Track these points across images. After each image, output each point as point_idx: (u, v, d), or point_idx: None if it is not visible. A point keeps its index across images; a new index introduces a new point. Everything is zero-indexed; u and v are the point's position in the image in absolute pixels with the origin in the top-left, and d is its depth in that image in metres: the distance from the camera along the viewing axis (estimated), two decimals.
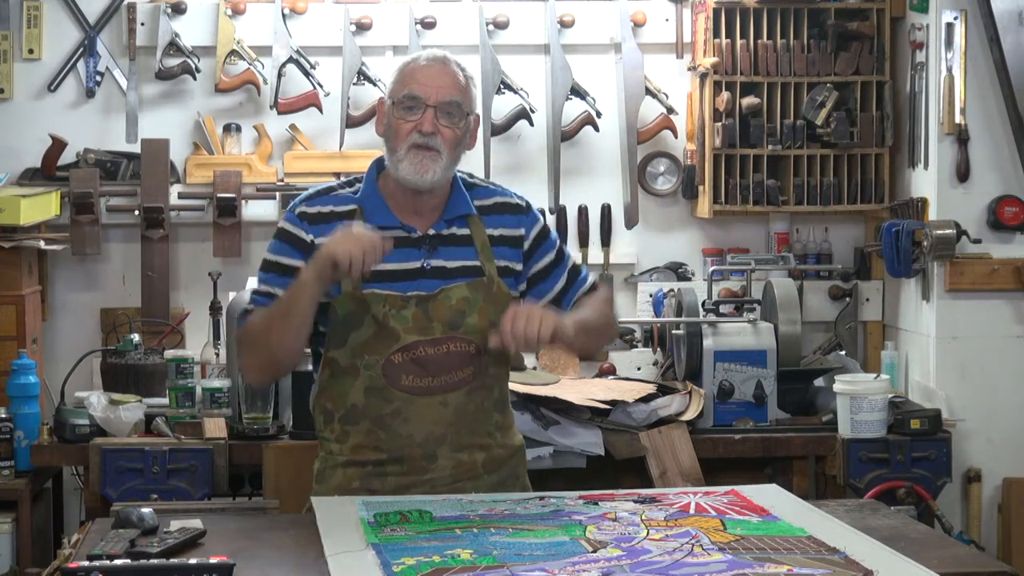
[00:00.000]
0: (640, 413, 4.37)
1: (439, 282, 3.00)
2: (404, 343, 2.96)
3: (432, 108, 2.95)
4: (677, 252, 5.15)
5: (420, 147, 2.96)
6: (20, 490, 4.37)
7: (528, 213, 3.13)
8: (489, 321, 2.99)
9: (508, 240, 3.08)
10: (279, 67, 4.91)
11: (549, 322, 2.87)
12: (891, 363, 4.84)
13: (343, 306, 2.97)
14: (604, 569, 2.33)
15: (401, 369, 2.97)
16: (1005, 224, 4.68)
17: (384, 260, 2.91)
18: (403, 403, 2.98)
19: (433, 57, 3.02)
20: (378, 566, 2.38)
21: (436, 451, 3.00)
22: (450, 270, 3.01)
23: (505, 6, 5.05)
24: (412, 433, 2.98)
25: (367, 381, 2.98)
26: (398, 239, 2.98)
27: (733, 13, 4.89)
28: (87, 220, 4.86)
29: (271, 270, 2.99)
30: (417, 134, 2.95)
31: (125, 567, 2.31)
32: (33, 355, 4.60)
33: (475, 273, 3.02)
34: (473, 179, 3.15)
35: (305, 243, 2.98)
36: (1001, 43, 4.61)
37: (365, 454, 2.99)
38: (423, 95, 2.96)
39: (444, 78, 2.98)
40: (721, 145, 4.88)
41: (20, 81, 4.97)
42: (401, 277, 2.98)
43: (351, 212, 3.03)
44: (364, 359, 2.97)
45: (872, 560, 2.39)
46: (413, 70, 3.00)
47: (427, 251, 3.01)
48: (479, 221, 3.06)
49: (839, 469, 4.38)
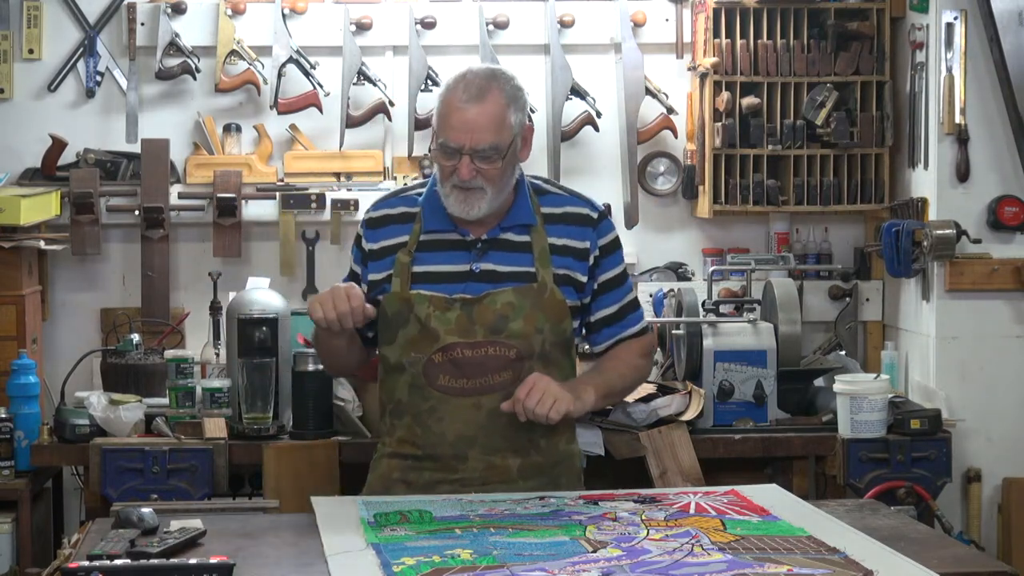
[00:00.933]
0: (640, 413, 4.37)
1: (487, 286, 3.03)
2: (444, 344, 3.01)
3: (468, 155, 2.95)
4: (677, 252, 5.15)
5: (462, 188, 2.98)
6: (20, 490, 4.37)
7: (598, 225, 3.14)
8: (535, 327, 3.01)
9: (572, 251, 3.09)
10: (279, 67, 4.90)
11: (562, 407, 2.93)
12: (891, 363, 4.84)
13: (391, 305, 3.05)
14: (604, 569, 2.33)
15: (439, 369, 3.02)
16: (1005, 224, 4.68)
17: (434, 262, 3.02)
18: (439, 402, 3.03)
19: (469, 93, 2.98)
20: (378, 566, 2.38)
21: (467, 452, 3.03)
22: (501, 274, 3.04)
23: (505, 6, 5.05)
24: (444, 432, 3.03)
25: (410, 378, 3.05)
26: (451, 242, 3.05)
27: (733, 13, 4.89)
28: (87, 220, 4.86)
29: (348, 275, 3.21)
30: (456, 178, 2.98)
31: (125, 567, 2.31)
32: (33, 355, 4.60)
33: (527, 279, 3.04)
34: (547, 185, 3.17)
35: (363, 250, 3.13)
36: (1001, 43, 4.60)
37: (405, 448, 3.08)
38: (457, 144, 2.96)
39: (480, 120, 2.96)
40: (721, 145, 4.88)
41: (20, 81, 4.97)
42: (449, 279, 3.03)
43: (413, 214, 3.08)
44: (409, 356, 3.04)
45: (872, 560, 2.39)
46: (450, 111, 2.98)
47: (477, 255, 3.03)
48: (541, 230, 3.07)
49: (839, 469, 4.38)
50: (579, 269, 3.09)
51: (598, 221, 3.14)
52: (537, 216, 3.08)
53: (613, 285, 3.15)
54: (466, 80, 3.01)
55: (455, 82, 3.03)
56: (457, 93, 2.99)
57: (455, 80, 3.03)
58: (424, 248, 3.07)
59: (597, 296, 3.14)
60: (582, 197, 3.19)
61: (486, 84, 3.00)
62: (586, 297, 3.11)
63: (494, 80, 3.02)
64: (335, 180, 4.98)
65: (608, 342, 3.17)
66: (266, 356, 4.19)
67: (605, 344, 3.18)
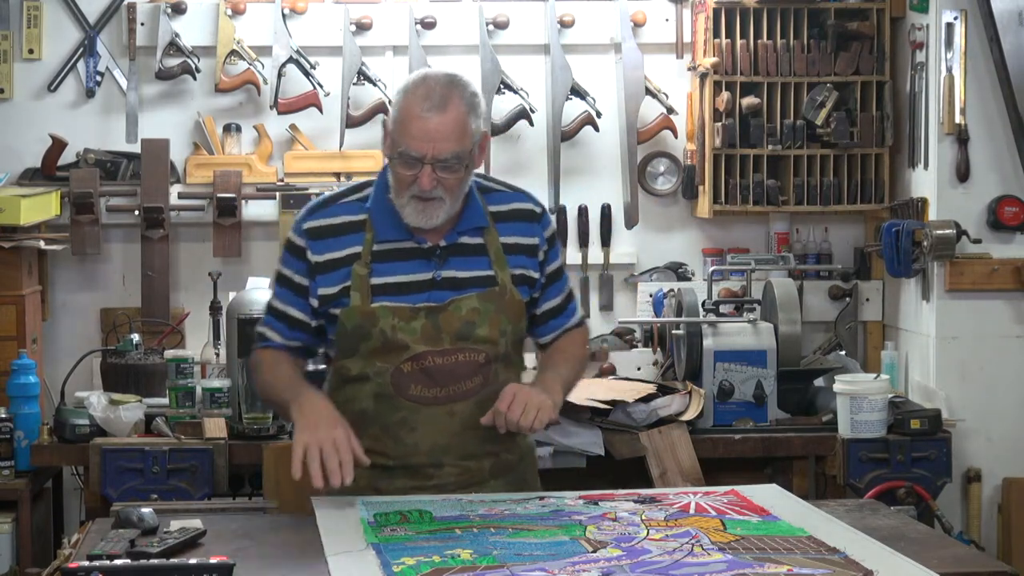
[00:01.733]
0: (640, 413, 4.37)
1: (451, 293, 2.97)
2: (414, 352, 2.95)
3: (429, 165, 2.87)
4: (677, 252, 5.15)
5: (421, 198, 2.90)
6: (20, 490, 4.37)
7: (542, 219, 3.10)
8: (499, 331, 2.99)
9: (523, 248, 3.06)
10: (279, 67, 4.91)
11: (545, 416, 2.91)
12: (891, 363, 4.84)
13: (351, 319, 2.95)
14: (604, 569, 2.33)
15: (410, 378, 2.96)
16: (1005, 224, 4.68)
17: (394, 272, 2.94)
18: (410, 412, 2.97)
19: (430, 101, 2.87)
20: (378, 566, 2.38)
21: (442, 459, 3.00)
22: (462, 280, 2.99)
23: (505, 6, 5.05)
24: (418, 442, 2.98)
25: (376, 388, 2.98)
26: (408, 250, 2.97)
27: (733, 13, 4.89)
28: (87, 220, 4.86)
29: (282, 283, 3.03)
30: (416, 187, 2.89)
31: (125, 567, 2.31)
32: (33, 355, 4.60)
33: (488, 283, 3.00)
34: (489, 182, 3.11)
35: (308, 261, 2.98)
36: (1001, 43, 4.60)
37: (374, 458, 2.95)
38: (419, 153, 2.86)
39: (443, 129, 2.86)
40: (721, 145, 4.88)
41: (20, 81, 4.97)
42: (412, 289, 2.97)
43: (360, 223, 2.99)
44: (375, 366, 2.96)
45: (872, 560, 2.39)
46: (411, 120, 2.86)
47: (438, 262, 2.99)
48: (493, 230, 3.03)
49: (839, 469, 4.38)
50: (531, 266, 3.07)
51: (541, 216, 3.10)
52: (488, 217, 3.04)
53: (557, 277, 3.13)
54: (426, 87, 2.90)
55: (413, 88, 2.91)
56: (417, 101, 2.88)
57: (413, 86, 2.91)
58: (380, 259, 2.97)
59: (544, 289, 3.11)
60: (524, 192, 3.14)
61: (447, 92, 2.90)
62: (536, 292, 3.09)
63: (455, 87, 2.91)
64: (335, 180, 4.98)
65: (554, 333, 3.15)
66: None
67: (551, 335, 3.16)
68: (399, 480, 2.99)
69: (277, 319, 3.04)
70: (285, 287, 3.02)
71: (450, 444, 2.99)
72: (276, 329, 3.04)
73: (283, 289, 3.02)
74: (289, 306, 3.01)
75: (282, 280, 3.03)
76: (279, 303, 3.03)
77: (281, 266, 3.03)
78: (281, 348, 3.04)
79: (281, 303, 3.03)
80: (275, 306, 3.04)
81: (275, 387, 3.02)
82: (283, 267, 3.03)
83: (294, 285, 3.00)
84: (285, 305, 3.02)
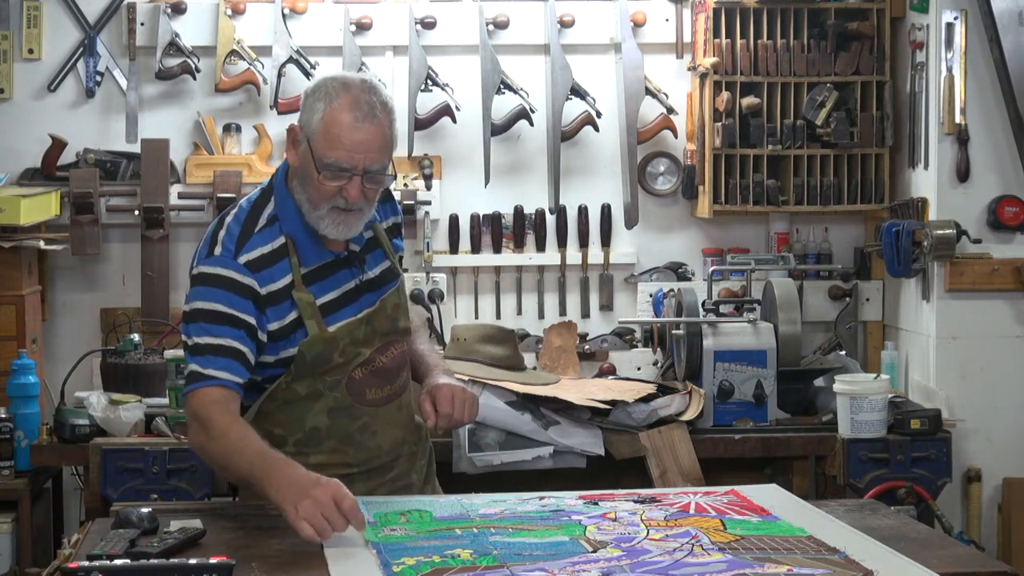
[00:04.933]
0: (640, 413, 4.37)
1: (373, 294, 2.98)
2: (362, 359, 2.95)
3: (359, 176, 2.80)
4: (677, 252, 5.15)
5: (342, 210, 2.83)
6: (20, 490, 4.37)
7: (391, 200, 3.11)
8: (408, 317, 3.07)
9: (396, 229, 3.10)
10: (279, 67, 4.91)
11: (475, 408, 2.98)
12: (891, 363, 4.84)
13: (313, 348, 2.88)
14: (604, 569, 2.33)
15: (363, 384, 2.96)
16: (1005, 224, 4.68)
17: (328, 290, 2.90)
18: (370, 417, 2.98)
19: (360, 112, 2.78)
20: (378, 566, 2.38)
21: (400, 452, 3.06)
22: (376, 279, 3.00)
23: (505, 6, 5.05)
24: (380, 444, 3.01)
25: (331, 402, 2.94)
26: (329, 265, 2.92)
27: (733, 13, 4.89)
28: (87, 220, 4.86)
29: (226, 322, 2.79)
30: (342, 200, 2.82)
31: (125, 567, 2.31)
32: (33, 355, 4.60)
33: (393, 275, 3.03)
34: None
35: (257, 294, 2.82)
36: (1001, 43, 4.60)
37: (331, 470, 2.82)
38: (350, 165, 2.79)
39: (373, 140, 2.79)
40: (721, 145, 4.88)
41: (20, 81, 4.97)
42: (347, 300, 2.94)
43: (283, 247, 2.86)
44: (325, 382, 2.92)
45: (872, 560, 2.39)
46: (339, 130, 2.77)
47: (357, 267, 2.97)
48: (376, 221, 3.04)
49: (839, 469, 4.38)
50: (401, 246, 3.13)
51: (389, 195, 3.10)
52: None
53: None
54: (350, 96, 2.79)
55: (336, 96, 2.79)
56: (344, 111, 2.78)
57: (335, 93, 2.80)
58: (311, 280, 2.89)
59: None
60: None
61: (373, 100, 2.80)
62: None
63: (376, 95, 2.82)
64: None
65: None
66: None
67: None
68: (359, 484, 2.94)
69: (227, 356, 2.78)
70: (229, 325, 2.79)
71: (405, 437, 3.06)
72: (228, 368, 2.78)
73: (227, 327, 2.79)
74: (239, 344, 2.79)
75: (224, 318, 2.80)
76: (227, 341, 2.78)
77: (218, 305, 2.80)
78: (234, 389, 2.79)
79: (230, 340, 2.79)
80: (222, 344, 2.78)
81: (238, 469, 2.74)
82: (222, 306, 2.80)
83: (241, 323, 2.79)
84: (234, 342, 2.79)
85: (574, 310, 5.10)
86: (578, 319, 5.06)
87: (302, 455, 2.87)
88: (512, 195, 5.05)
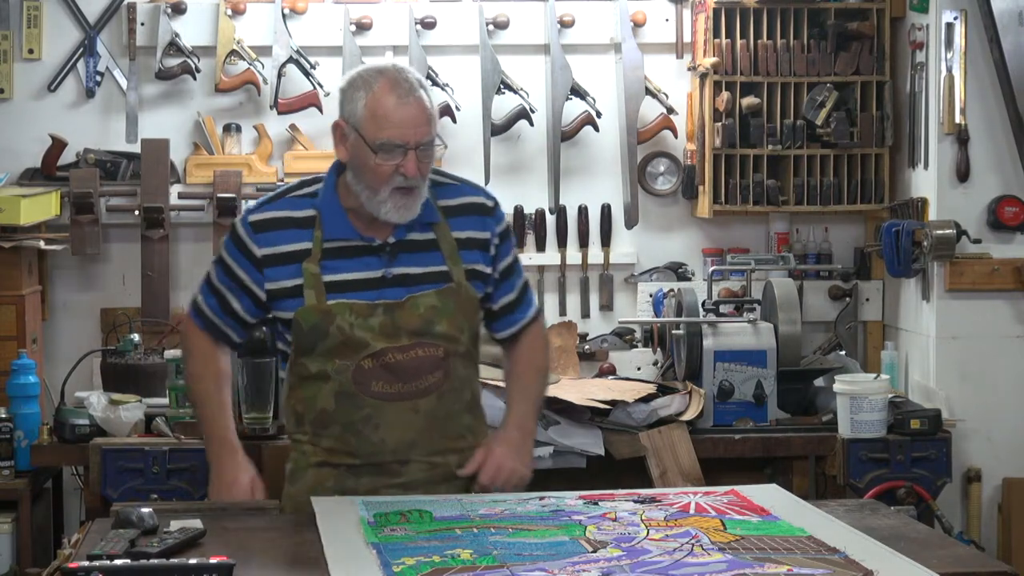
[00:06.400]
0: (640, 413, 4.37)
1: (404, 290, 2.98)
2: (373, 349, 2.95)
3: (413, 151, 2.89)
4: (677, 252, 5.15)
5: (403, 189, 2.92)
6: (20, 490, 4.37)
7: (494, 213, 3.11)
8: (457, 327, 3.01)
9: (476, 243, 3.07)
10: (279, 67, 4.91)
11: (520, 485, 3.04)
12: (891, 363, 4.84)
13: (308, 318, 2.96)
14: (604, 569, 2.33)
15: (371, 375, 2.97)
16: (1005, 224, 4.68)
17: (344, 270, 2.95)
18: (374, 409, 2.98)
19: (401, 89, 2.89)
20: (378, 566, 2.38)
21: (409, 455, 3.02)
22: (416, 276, 3.00)
23: (505, 6, 5.05)
24: (384, 439, 3.00)
25: (337, 387, 2.98)
26: (356, 248, 2.98)
27: (733, 13, 4.89)
28: (87, 220, 4.86)
29: (222, 267, 3.05)
30: (401, 178, 2.90)
31: (125, 567, 2.31)
32: (33, 355, 4.60)
33: (443, 279, 3.01)
34: (438, 176, 3.09)
35: (253, 255, 3.00)
36: (1001, 43, 4.60)
37: (339, 457, 3.00)
38: (403, 141, 2.88)
39: (419, 115, 2.90)
40: (721, 145, 4.88)
41: (20, 81, 4.97)
42: (365, 286, 2.97)
43: (309, 219, 3.00)
44: (334, 364, 2.97)
45: (872, 560, 2.39)
46: (386, 112, 2.89)
47: (387, 259, 2.99)
48: (445, 225, 3.03)
49: (839, 469, 4.38)
50: (484, 261, 3.08)
51: (493, 209, 3.11)
52: (439, 212, 3.04)
53: (511, 272, 3.15)
54: (387, 79, 2.90)
55: (375, 82, 2.91)
56: (386, 90, 2.89)
57: (373, 80, 2.92)
58: (330, 256, 2.98)
59: (498, 284, 3.13)
60: (475, 185, 3.16)
61: (409, 79, 2.92)
62: (489, 287, 3.11)
63: (410, 74, 2.94)
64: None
65: (511, 329, 3.18)
66: (266, 356, 4.19)
67: (508, 331, 3.18)
68: (365, 478, 3.00)
69: (213, 295, 3.07)
70: (225, 274, 3.04)
71: (416, 440, 3.01)
72: (211, 307, 3.07)
73: (220, 272, 3.05)
74: (227, 291, 3.04)
75: (223, 266, 3.05)
76: (219, 284, 3.05)
77: (224, 252, 3.05)
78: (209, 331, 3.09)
79: (220, 285, 3.05)
80: (215, 285, 3.06)
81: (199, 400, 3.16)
82: (225, 253, 3.05)
83: (233, 275, 3.03)
84: (223, 288, 3.05)
85: (574, 310, 5.10)
86: (578, 319, 5.06)
87: (316, 436, 3.02)
88: (512, 195, 5.04)
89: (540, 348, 3.24)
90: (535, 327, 3.22)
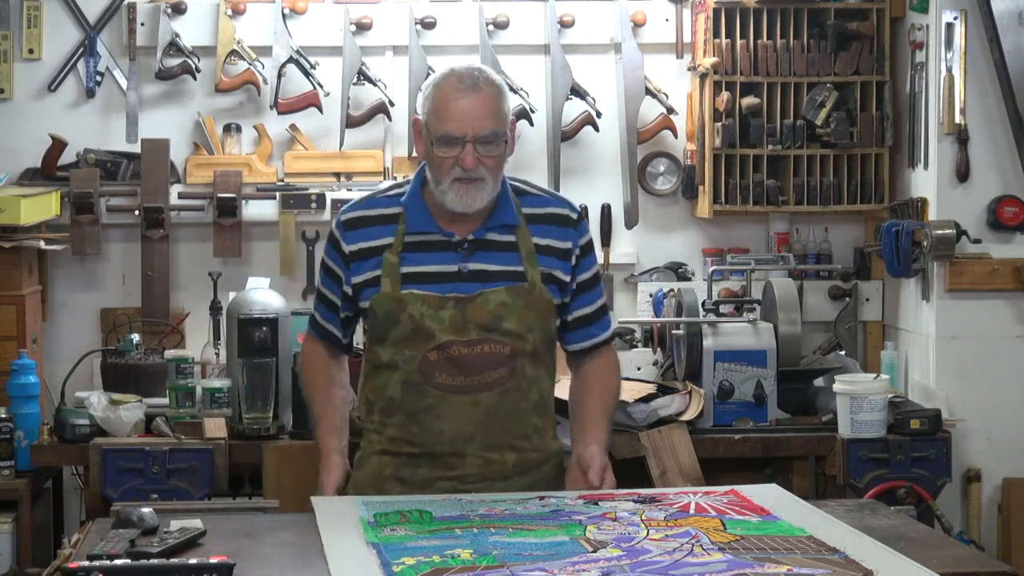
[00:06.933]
0: (640, 413, 4.37)
1: (479, 285, 3.05)
2: (439, 342, 3.02)
3: (471, 143, 2.98)
4: (677, 252, 5.15)
5: (464, 180, 3.00)
6: (20, 490, 4.37)
7: (577, 226, 3.17)
8: (527, 326, 3.06)
9: (555, 251, 3.13)
10: (279, 67, 4.91)
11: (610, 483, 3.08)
12: (891, 363, 4.84)
13: (381, 305, 3.05)
14: (604, 569, 2.33)
15: (436, 366, 3.03)
16: (1005, 224, 4.68)
17: (422, 262, 3.04)
18: (436, 400, 3.04)
19: (463, 84, 3.00)
20: (378, 566, 2.38)
21: (465, 448, 3.06)
22: (490, 273, 3.06)
23: (505, 6, 5.05)
24: (443, 429, 3.04)
25: (404, 376, 3.06)
26: (436, 242, 3.07)
27: (733, 13, 4.89)
28: (87, 220, 4.86)
29: (323, 270, 3.20)
30: (459, 169, 2.99)
31: (125, 567, 2.31)
32: (33, 355, 4.60)
33: (517, 278, 3.07)
34: (526, 186, 3.19)
35: (343, 252, 3.11)
36: (1001, 43, 4.60)
37: (399, 446, 3.08)
38: (460, 133, 2.98)
39: (479, 108, 2.99)
40: (721, 145, 4.88)
41: (20, 81, 4.97)
42: (438, 279, 3.05)
43: (395, 215, 3.10)
44: (403, 354, 3.04)
45: (872, 560, 2.39)
46: (447, 103, 3.00)
47: (465, 255, 3.06)
48: (525, 230, 3.10)
49: (839, 469, 4.38)
50: (562, 269, 3.13)
51: (577, 222, 3.17)
52: (520, 216, 3.11)
53: (590, 286, 3.20)
54: (456, 75, 3.02)
55: (444, 78, 3.04)
56: (451, 85, 3.01)
57: (442, 77, 3.04)
58: (410, 249, 3.07)
59: (576, 296, 3.18)
60: (561, 198, 3.24)
61: (476, 75, 3.02)
62: (567, 296, 3.15)
63: (483, 72, 3.05)
64: (335, 180, 4.99)
65: (583, 343, 3.23)
66: (266, 356, 4.19)
67: (580, 345, 3.23)
68: (423, 468, 3.06)
69: (321, 301, 3.21)
70: (326, 275, 3.18)
71: (474, 433, 3.05)
72: (320, 312, 3.21)
73: (323, 275, 3.19)
74: (327, 289, 3.17)
75: (323, 267, 3.20)
76: (322, 287, 3.20)
77: (324, 254, 3.19)
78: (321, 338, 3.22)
79: (323, 287, 3.19)
80: (319, 289, 3.21)
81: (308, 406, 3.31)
82: (324, 254, 3.18)
83: (331, 273, 3.15)
84: (325, 290, 3.18)
85: None
86: None
87: (383, 423, 3.11)
88: None
89: (616, 371, 3.30)
90: (610, 349, 3.29)
